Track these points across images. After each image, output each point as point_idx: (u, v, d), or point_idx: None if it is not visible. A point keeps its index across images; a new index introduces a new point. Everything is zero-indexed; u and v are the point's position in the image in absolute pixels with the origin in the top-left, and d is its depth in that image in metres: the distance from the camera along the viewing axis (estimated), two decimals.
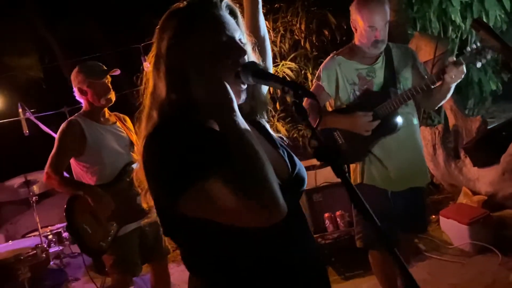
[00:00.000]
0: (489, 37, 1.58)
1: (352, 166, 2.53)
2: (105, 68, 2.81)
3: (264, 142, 1.25)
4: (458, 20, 5.29)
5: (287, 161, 1.23)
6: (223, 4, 1.16)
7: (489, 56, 2.01)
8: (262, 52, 1.32)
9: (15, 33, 8.00)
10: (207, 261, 1.13)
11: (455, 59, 2.18)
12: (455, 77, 2.18)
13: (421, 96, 2.35)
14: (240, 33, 1.17)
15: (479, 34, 1.61)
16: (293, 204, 1.20)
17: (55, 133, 2.87)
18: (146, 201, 1.18)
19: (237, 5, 1.22)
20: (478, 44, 2.08)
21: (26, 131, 3.60)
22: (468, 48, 2.14)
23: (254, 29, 1.40)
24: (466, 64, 2.16)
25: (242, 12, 1.26)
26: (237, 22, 1.18)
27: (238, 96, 1.14)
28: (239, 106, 1.12)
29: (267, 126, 1.33)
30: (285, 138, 1.37)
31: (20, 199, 3.86)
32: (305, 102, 2.15)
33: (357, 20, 2.38)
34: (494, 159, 3.61)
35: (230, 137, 1.04)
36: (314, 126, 1.03)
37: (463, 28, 5.39)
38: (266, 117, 1.34)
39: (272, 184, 0.99)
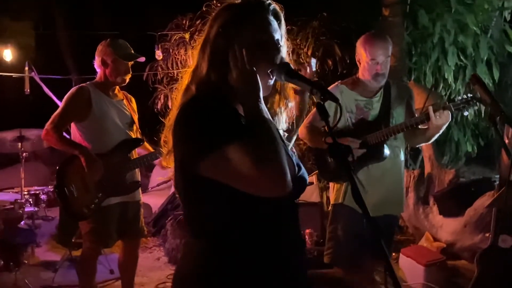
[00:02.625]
0: (482, 91, 1.80)
1: (336, 185, 2.70)
2: (133, 52, 2.92)
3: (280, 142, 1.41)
4: (450, 79, 5.63)
5: (293, 159, 1.40)
6: (271, 8, 1.34)
7: (475, 107, 2.24)
8: None
9: None
10: (210, 224, 1.26)
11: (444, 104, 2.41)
12: (440, 120, 2.38)
13: (409, 132, 2.56)
14: (280, 36, 1.34)
15: (474, 87, 1.84)
16: (292, 204, 1.36)
17: (55, 96, 2.96)
18: (167, 161, 1.33)
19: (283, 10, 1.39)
20: (468, 95, 2.33)
21: (27, 89, 3.66)
22: (459, 97, 2.37)
23: None
24: (455, 111, 2.39)
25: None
26: (279, 25, 1.35)
27: (266, 88, 1.31)
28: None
29: (280, 127, 1.46)
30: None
31: (9, 153, 3.89)
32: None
33: (361, 53, 2.58)
34: (459, 210, 3.86)
35: (252, 118, 1.20)
36: (332, 127, 1.21)
37: (453, 87, 5.73)
38: (284, 125, 1.47)
39: (283, 160, 1.15)
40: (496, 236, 3.07)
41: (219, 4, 1.46)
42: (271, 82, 1.33)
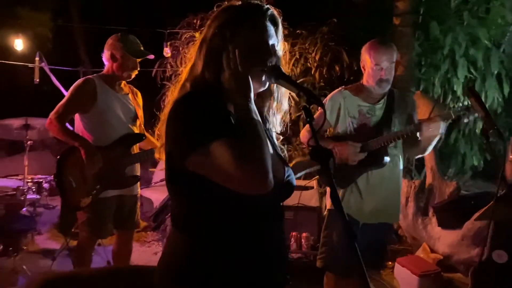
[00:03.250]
0: (477, 104, 1.81)
1: None
2: (143, 49, 2.97)
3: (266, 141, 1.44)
4: (459, 91, 5.61)
5: (282, 160, 1.43)
6: (268, 13, 1.37)
7: (472, 117, 2.25)
8: None
9: None
10: (193, 217, 1.30)
11: (437, 115, 2.44)
12: (431, 131, 2.40)
13: (406, 142, 2.57)
14: (276, 41, 1.37)
15: (469, 100, 1.84)
16: (277, 206, 1.39)
17: (63, 87, 3.01)
18: (159, 154, 1.38)
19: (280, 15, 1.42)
20: (467, 103, 2.33)
21: (37, 79, 3.73)
22: (460, 104, 2.38)
23: None
24: (455, 118, 2.39)
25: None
26: (276, 30, 1.38)
27: (257, 90, 1.35)
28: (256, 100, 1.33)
29: (273, 133, 1.50)
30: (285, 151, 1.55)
31: (16, 141, 3.95)
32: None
33: (366, 59, 2.59)
34: (458, 223, 3.84)
35: (241, 118, 1.24)
36: (317, 130, 1.23)
37: (462, 100, 5.71)
38: (278, 127, 1.50)
39: (266, 159, 1.18)
40: (491, 251, 3.07)
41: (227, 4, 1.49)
42: (264, 84, 1.36)
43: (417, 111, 2.85)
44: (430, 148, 2.57)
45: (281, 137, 1.55)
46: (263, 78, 1.34)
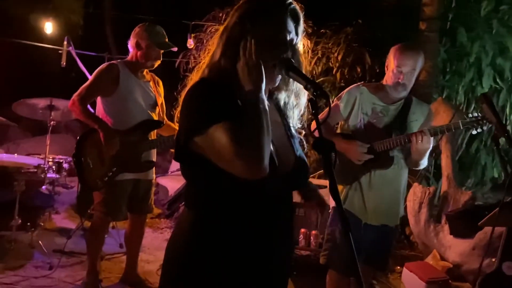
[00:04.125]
0: (489, 111, 1.81)
1: (338, 187, 2.73)
2: (168, 41, 3.04)
3: (279, 128, 1.48)
4: None
5: (296, 154, 1.46)
6: (290, 7, 1.40)
7: (485, 128, 2.22)
8: None
9: None
10: (199, 195, 1.36)
11: (425, 128, 2.43)
12: (420, 143, 2.39)
13: (405, 151, 2.57)
14: (294, 36, 1.41)
15: (482, 106, 1.84)
16: (286, 193, 1.42)
17: (89, 72, 3.10)
18: None
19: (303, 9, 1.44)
20: (479, 114, 2.31)
21: (63, 62, 3.85)
22: (470, 115, 2.36)
23: None
24: (466, 129, 2.38)
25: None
26: (297, 26, 1.42)
27: (271, 81, 1.39)
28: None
29: (291, 123, 1.53)
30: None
31: (38, 120, 4.08)
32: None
33: (390, 60, 2.59)
34: (470, 233, 3.80)
35: (249, 106, 1.28)
36: (321, 122, 1.27)
37: None
38: (296, 122, 1.54)
39: (262, 146, 1.23)
40: (501, 262, 3.04)
41: None
42: (277, 77, 1.40)
43: (433, 119, 2.82)
44: (423, 162, 2.56)
45: (303, 132, 1.58)
46: (276, 70, 1.37)
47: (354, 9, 5.13)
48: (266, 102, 1.30)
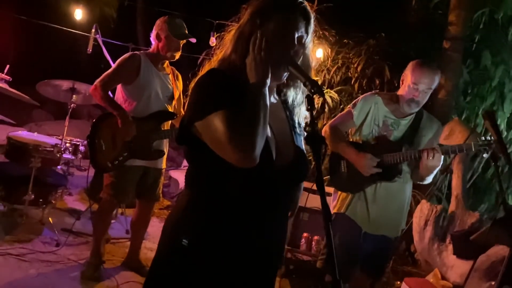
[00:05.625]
0: (491, 128, 1.83)
1: (342, 195, 2.76)
2: (187, 32, 3.13)
3: (283, 124, 1.54)
4: (503, 126, 5.47)
5: (297, 150, 1.51)
6: (300, 6, 1.46)
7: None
8: None
9: None
10: (197, 176, 1.45)
11: (438, 146, 2.45)
12: (431, 160, 2.41)
13: (412, 165, 2.59)
14: (304, 34, 1.46)
15: (485, 123, 1.86)
16: (283, 186, 1.48)
17: (113, 60, 3.21)
18: None
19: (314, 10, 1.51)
20: (490, 138, 2.31)
21: (90, 49, 3.99)
22: (483, 138, 2.36)
23: None
24: (478, 151, 2.37)
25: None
26: (307, 25, 1.47)
27: (277, 77, 1.44)
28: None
29: (298, 119, 1.58)
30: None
31: (60, 102, 4.22)
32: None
33: (407, 74, 2.61)
34: (473, 254, 3.77)
35: (251, 98, 1.34)
36: (315, 117, 1.32)
37: (504, 135, 5.55)
38: (301, 119, 1.58)
39: (256, 136, 1.29)
40: (501, 286, 3.02)
41: None
42: (284, 73, 1.46)
43: (447, 138, 2.82)
44: (429, 178, 2.57)
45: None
46: (282, 67, 1.44)
47: (379, 22, 5.15)
48: (267, 97, 1.37)
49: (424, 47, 5.00)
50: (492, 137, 2.31)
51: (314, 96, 1.32)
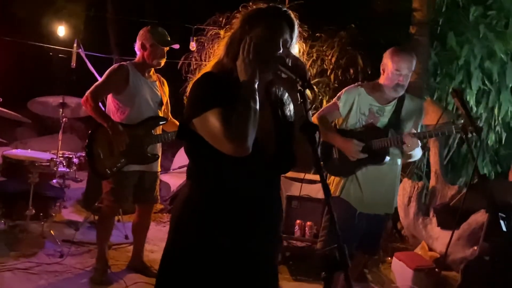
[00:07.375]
0: (460, 104, 2.04)
1: (336, 179, 2.96)
2: (169, 39, 3.28)
3: (267, 118, 1.70)
4: (472, 102, 5.75)
5: (280, 143, 1.68)
6: (285, 14, 1.64)
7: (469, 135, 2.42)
8: None
9: None
10: (196, 168, 1.66)
11: (414, 132, 2.69)
12: (410, 146, 2.66)
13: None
14: (288, 38, 1.64)
15: (454, 100, 2.07)
16: (270, 175, 1.67)
17: (99, 73, 3.33)
18: None
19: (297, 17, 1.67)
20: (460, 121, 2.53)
21: (73, 63, 4.09)
22: (461, 120, 2.56)
23: None
24: (450, 134, 2.59)
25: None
26: (291, 31, 1.65)
27: (265, 76, 1.62)
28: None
29: (288, 113, 1.74)
30: None
31: (51, 119, 4.30)
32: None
33: (387, 63, 2.78)
34: (455, 224, 4.03)
35: (242, 96, 1.53)
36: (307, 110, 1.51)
37: (474, 110, 5.84)
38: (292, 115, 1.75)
39: (248, 128, 1.49)
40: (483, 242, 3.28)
41: (254, 6, 1.75)
42: (270, 72, 1.64)
43: (424, 118, 3.04)
44: (416, 155, 2.81)
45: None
46: (269, 66, 1.62)
47: (349, 14, 5.37)
48: (257, 94, 1.55)
49: (393, 34, 5.24)
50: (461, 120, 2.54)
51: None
